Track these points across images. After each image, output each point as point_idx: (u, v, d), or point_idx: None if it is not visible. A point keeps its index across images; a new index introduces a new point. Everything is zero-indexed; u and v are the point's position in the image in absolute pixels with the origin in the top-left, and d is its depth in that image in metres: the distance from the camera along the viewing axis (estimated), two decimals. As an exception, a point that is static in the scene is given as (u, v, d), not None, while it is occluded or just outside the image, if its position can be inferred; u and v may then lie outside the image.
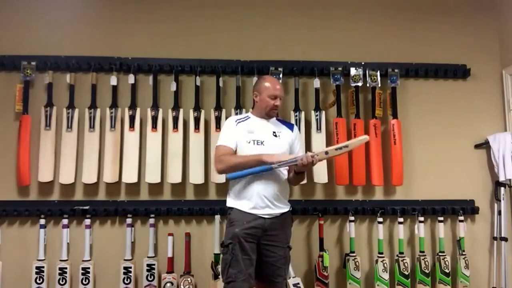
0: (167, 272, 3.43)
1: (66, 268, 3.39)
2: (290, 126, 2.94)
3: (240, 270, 2.56)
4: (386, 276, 3.53)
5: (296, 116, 3.66)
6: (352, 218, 3.61)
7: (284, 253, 2.74)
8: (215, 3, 3.87)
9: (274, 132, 2.80)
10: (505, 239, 3.65)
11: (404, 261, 3.55)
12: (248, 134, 2.74)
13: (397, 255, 3.60)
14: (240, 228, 2.61)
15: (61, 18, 3.76)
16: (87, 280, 3.39)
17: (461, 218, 3.69)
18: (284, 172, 2.76)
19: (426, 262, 3.56)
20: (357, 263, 3.52)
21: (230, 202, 2.75)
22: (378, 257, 3.58)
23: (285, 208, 2.77)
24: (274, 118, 2.89)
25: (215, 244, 3.45)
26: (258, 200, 2.66)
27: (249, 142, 2.72)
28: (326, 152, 2.63)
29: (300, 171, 2.71)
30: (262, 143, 2.73)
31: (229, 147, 2.74)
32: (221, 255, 2.70)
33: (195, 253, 3.52)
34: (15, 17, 3.71)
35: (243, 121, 2.82)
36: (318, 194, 3.74)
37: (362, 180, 3.65)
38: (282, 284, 2.74)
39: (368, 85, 3.74)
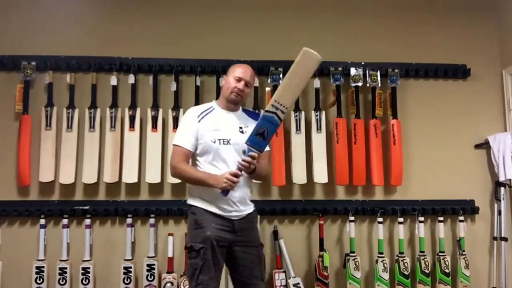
0: (167, 272, 3.43)
1: (66, 268, 3.39)
2: (256, 117, 2.61)
3: (212, 277, 2.43)
4: (386, 276, 3.53)
5: (296, 116, 3.66)
6: (352, 218, 3.60)
7: (258, 252, 2.60)
8: (215, 3, 3.87)
9: (240, 128, 2.59)
10: (505, 239, 3.65)
11: (404, 261, 3.55)
12: (213, 132, 2.52)
13: (397, 255, 3.60)
14: (211, 231, 2.45)
15: (61, 18, 3.76)
16: (87, 280, 3.39)
17: (461, 218, 3.69)
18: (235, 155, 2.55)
19: (426, 262, 3.56)
20: (357, 263, 3.52)
21: (193, 201, 2.55)
22: (378, 257, 3.58)
23: (251, 209, 2.63)
24: (240, 109, 2.68)
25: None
26: (224, 204, 2.50)
27: (214, 142, 2.51)
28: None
29: (250, 173, 2.51)
30: (228, 141, 2.52)
31: (185, 149, 2.51)
32: (188, 260, 2.49)
33: (195, 253, 3.52)
34: (15, 17, 3.71)
35: (206, 114, 2.58)
36: (318, 194, 3.74)
37: (362, 180, 3.65)
38: (260, 286, 2.58)
39: (368, 85, 3.74)
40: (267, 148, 2.62)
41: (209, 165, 2.53)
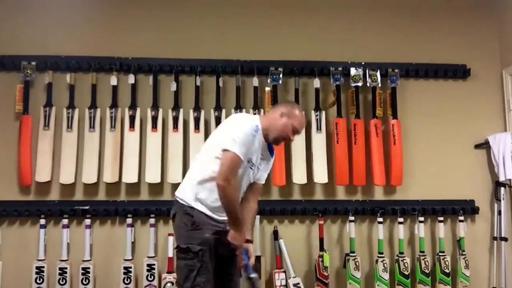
0: (167, 272, 3.42)
1: (66, 268, 3.39)
2: (272, 153, 2.64)
3: (209, 279, 2.40)
4: (386, 276, 3.53)
5: (296, 116, 3.65)
6: (352, 218, 3.60)
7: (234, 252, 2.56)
8: (216, 3, 3.87)
9: (262, 158, 2.55)
10: (505, 239, 3.65)
11: (404, 261, 3.55)
12: (252, 153, 2.46)
13: (397, 255, 3.60)
14: (209, 233, 2.42)
15: (61, 18, 3.76)
16: (87, 280, 3.39)
17: (461, 218, 3.69)
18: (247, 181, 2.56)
19: (426, 262, 3.56)
20: (357, 263, 3.52)
21: (191, 202, 2.45)
22: (378, 257, 3.57)
23: None
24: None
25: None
26: (221, 211, 2.45)
27: (249, 162, 2.46)
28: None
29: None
30: (252, 166, 2.49)
31: (241, 160, 2.38)
32: (182, 261, 2.42)
33: (195, 253, 3.52)
34: (15, 17, 3.71)
35: (256, 134, 2.45)
36: (318, 194, 3.74)
37: (362, 180, 3.65)
38: (238, 284, 2.62)
39: (368, 85, 3.74)
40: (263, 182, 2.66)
41: None
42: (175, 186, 3.52)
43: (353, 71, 3.73)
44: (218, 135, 2.55)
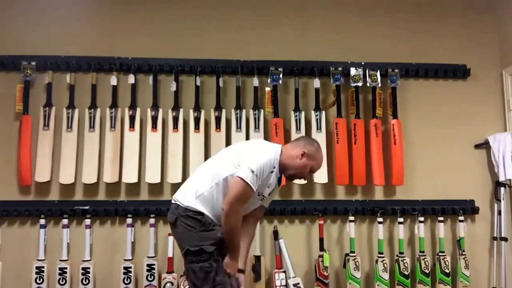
0: (167, 272, 3.42)
1: (66, 268, 3.39)
2: (280, 182, 2.62)
3: (225, 276, 2.41)
4: (386, 276, 3.53)
5: (296, 116, 3.66)
6: (352, 218, 3.60)
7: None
8: (216, 3, 3.87)
9: (272, 191, 2.57)
10: (505, 239, 3.65)
11: (404, 261, 3.55)
12: (265, 187, 2.48)
13: (397, 255, 3.60)
14: (220, 232, 2.41)
15: (61, 18, 3.76)
16: (87, 280, 3.39)
17: (461, 218, 3.69)
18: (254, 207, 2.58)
19: (426, 262, 3.56)
20: (357, 263, 3.52)
21: (198, 206, 2.42)
22: (378, 257, 3.57)
23: None
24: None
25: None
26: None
27: (259, 195, 2.48)
28: None
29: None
30: (263, 198, 2.54)
31: (253, 191, 2.38)
32: (196, 264, 2.38)
33: (195, 253, 3.51)
34: (15, 17, 3.71)
35: (274, 170, 2.48)
36: (318, 194, 3.74)
37: (362, 180, 3.65)
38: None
39: (368, 85, 3.74)
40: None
41: None
42: (175, 186, 3.54)
43: (353, 71, 3.73)
44: (235, 155, 2.50)
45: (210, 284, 2.35)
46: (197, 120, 3.60)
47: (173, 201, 2.53)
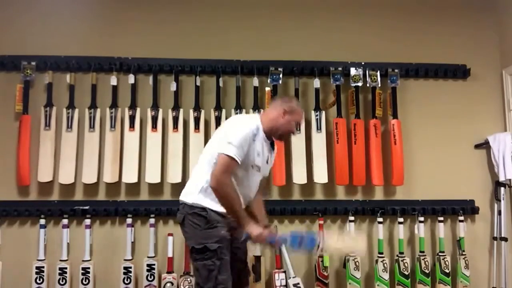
0: (167, 272, 3.42)
1: (66, 268, 3.39)
2: (274, 147, 2.69)
3: (229, 276, 2.42)
4: (386, 276, 3.53)
5: (296, 116, 3.65)
6: (352, 218, 3.60)
7: (246, 247, 2.65)
8: (216, 3, 3.87)
9: (267, 158, 2.60)
10: (505, 239, 3.65)
11: (404, 261, 3.55)
12: (256, 157, 2.49)
13: (397, 255, 3.60)
14: (224, 229, 2.43)
15: (61, 18, 3.76)
16: (87, 280, 3.39)
17: (461, 218, 3.69)
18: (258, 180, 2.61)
19: (426, 262, 3.56)
20: (357, 263, 3.52)
21: (202, 201, 2.45)
22: (378, 257, 3.57)
23: None
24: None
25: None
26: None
27: (253, 167, 2.50)
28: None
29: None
30: (259, 169, 2.54)
31: (238, 163, 2.40)
32: (200, 261, 2.41)
33: (195, 253, 3.51)
34: (15, 17, 3.71)
35: (257, 135, 2.49)
36: (318, 194, 3.74)
37: (362, 180, 3.65)
38: (248, 282, 2.68)
39: (368, 85, 3.74)
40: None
41: (233, 178, 2.46)
42: (175, 186, 3.55)
43: (353, 71, 3.73)
44: (216, 138, 2.56)
45: (213, 282, 2.37)
46: (197, 120, 3.60)
47: (180, 201, 2.57)
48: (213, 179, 2.37)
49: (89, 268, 3.40)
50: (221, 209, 2.45)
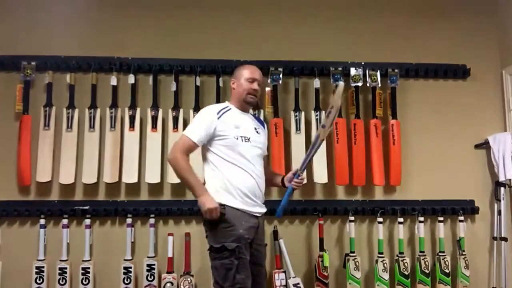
0: (167, 272, 3.42)
1: (66, 268, 3.39)
2: (263, 124, 2.83)
3: (248, 275, 2.43)
4: (386, 276, 3.53)
5: (296, 116, 3.66)
6: (352, 218, 3.60)
7: (265, 251, 2.71)
8: (216, 3, 3.87)
9: (255, 128, 2.67)
10: (505, 239, 3.65)
11: (404, 261, 3.55)
12: (235, 129, 2.56)
13: (397, 255, 3.60)
14: (243, 229, 2.46)
15: (61, 18, 3.76)
16: (87, 280, 3.39)
17: (461, 218, 3.69)
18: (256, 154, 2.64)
19: (426, 262, 3.56)
20: (357, 263, 3.52)
21: (221, 197, 2.51)
22: (378, 257, 3.58)
23: (265, 207, 2.68)
24: (250, 112, 2.77)
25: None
26: (251, 197, 2.54)
27: (237, 139, 2.54)
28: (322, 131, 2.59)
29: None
30: (248, 139, 2.57)
31: (193, 142, 2.52)
32: (218, 260, 2.45)
33: (195, 253, 3.51)
34: (15, 17, 3.71)
35: (226, 111, 2.60)
36: (318, 194, 3.74)
37: (362, 180, 3.65)
38: (265, 285, 2.64)
39: (368, 85, 3.74)
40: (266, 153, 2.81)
41: (232, 162, 2.53)
42: (175, 186, 3.56)
43: (353, 71, 3.73)
44: None
45: (230, 281, 2.39)
46: (197, 120, 3.60)
47: None
48: (169, 154, 2.57)
49: (89, 268, 3.40)
50: (240, 205, 2.50)
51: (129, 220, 3.49)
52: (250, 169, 2.56)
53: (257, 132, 2.67)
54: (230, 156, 2.55)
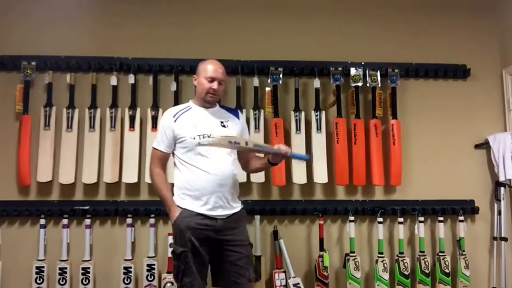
0: (167, 272, 3.42)
1: (66, 268, 3.39)
2: (235, 113, 2.76)
3: (195, 278, 2.48)
4: (386, 276, 3.53)
5: (296, 116, 3.66)
6: (352, 218, 3.60)
7: (247, 251, 2.61)
8: (215, 4, 3.86)
9: (221, 122, 2.63)
10: (505, 239, 3.65)
11: (404, 261, 3.55)
12: (192, 128, 2.55)
13: (397, 255, 3.60)
14: (191, 233, 2.47)
15: (61, 18, 3.76)
16: (87, 280, 3.39)
17: (461, 218, 3.69)
18: (233, 166, 2.62)
19: (426, 262, 3.56)
20: (357, 263, 3.52)
21: (178, 199, 2.57)
22: (378, 257, 3.58)
23: (238, 207, 2.62)
24: (217, 106, 2.72)
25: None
26: (210, 199, 2.51)
27: (194, 138, 2.52)
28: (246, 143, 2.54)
29: (274, 163, 2.64)
30: (209, 136, 2.52)
31: (160, 151, 2.60)
32: (173, 261, 2.55)
33: (195, 253, 3.51)
34: (15, 17, 3.71)
35: (183, 113, 2.61)
36: (318, 194, 3.74)
37: (362, 180, 3.65)
38: (246, 286, 2.58)
39: (368, 85, 3.74)
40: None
41: (191, 163, 2.55)
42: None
43: (353, 71, 3.73)
44: None
45: (179, 282, 2.52)
46: (197, 120, 3.60)
47: None
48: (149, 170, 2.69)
49: (89, 268, 3.40)
50: (194, 206, 2.52)
51: (129, 220, 3.50)
52: (213, 168, 2.52)
53: (223, 125, 2.63)
54: (190, 157, 2.54)
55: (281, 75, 3.66)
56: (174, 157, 2.65)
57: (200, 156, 2.53)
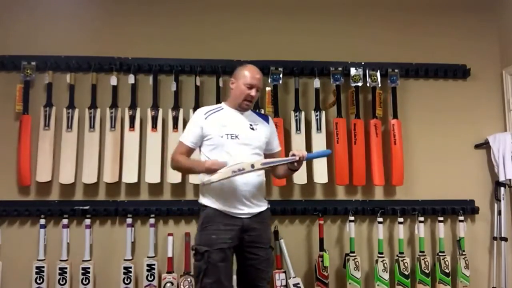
0: (167, 272, 3.43)
1: (66, 268, 3.39)
2: (266, 118, 2.77)
3: (216, 280, 2.42)
4: (386, 276, 3.53)
5: (296, 116, 3.66)
6: (352, 218, 3.60)
7: (267, 254, 2.59)
8: (215, 4, 3.86)
9: (250, 125, 2.63)
10: (505, 239, 3.65)
11: (404, 261, 3.55)
12: (221, 127, 2.56)
13: (397, 255, 3.60)
14: (217, 233, 2.46)
15: (61, 18, 3.76)
16: (87, 280, 3.39)
17: (461, 218, 3.69)
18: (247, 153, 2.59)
19: (426, 262, 3.56)
20: (357, 263, 3.52)
21: (204, 199, 2.56)
22: (378, 257, 3.58)
23: (264, 206, 2.61)
24: (249, 111, 2.71)
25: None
26: (235, 199, 2.50)
27: (222, 136, 2.53)
28: (252, 166, 2.46)
29: (294, 169, 2.60)
30: (237, 136, 2.54)
31: (187, 146, 2.58)
32: (195, 262, 2.51)
33: (195, 253, 3.51)
34: (15, 17, 3.71)
35: (214, 112, 2.62)
36: (318, 194, 3.74)
37: (362, 180, 3.65)
38: None
39: (368, 85, 3.74)
40: (279, 148, 2.84)
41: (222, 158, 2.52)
42: (175, 186, 3.56)
43: (353, 71, 3.73)
44: None
45: (199, 283, 2.46)
46: (197, 120, 3.59)
47: None
48: (170, 162, 2.69)
49: (89, 268, 3.40)
50: (218, 205, 2.50)
51: (129, 220, 3.50)
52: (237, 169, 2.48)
53: (252, 128, 2.63)
54: (216, 155, 2.52)
55: (281, 75, 3.66)
56: (201, 154, 2.63)
57: (226, 154, 2.52)
